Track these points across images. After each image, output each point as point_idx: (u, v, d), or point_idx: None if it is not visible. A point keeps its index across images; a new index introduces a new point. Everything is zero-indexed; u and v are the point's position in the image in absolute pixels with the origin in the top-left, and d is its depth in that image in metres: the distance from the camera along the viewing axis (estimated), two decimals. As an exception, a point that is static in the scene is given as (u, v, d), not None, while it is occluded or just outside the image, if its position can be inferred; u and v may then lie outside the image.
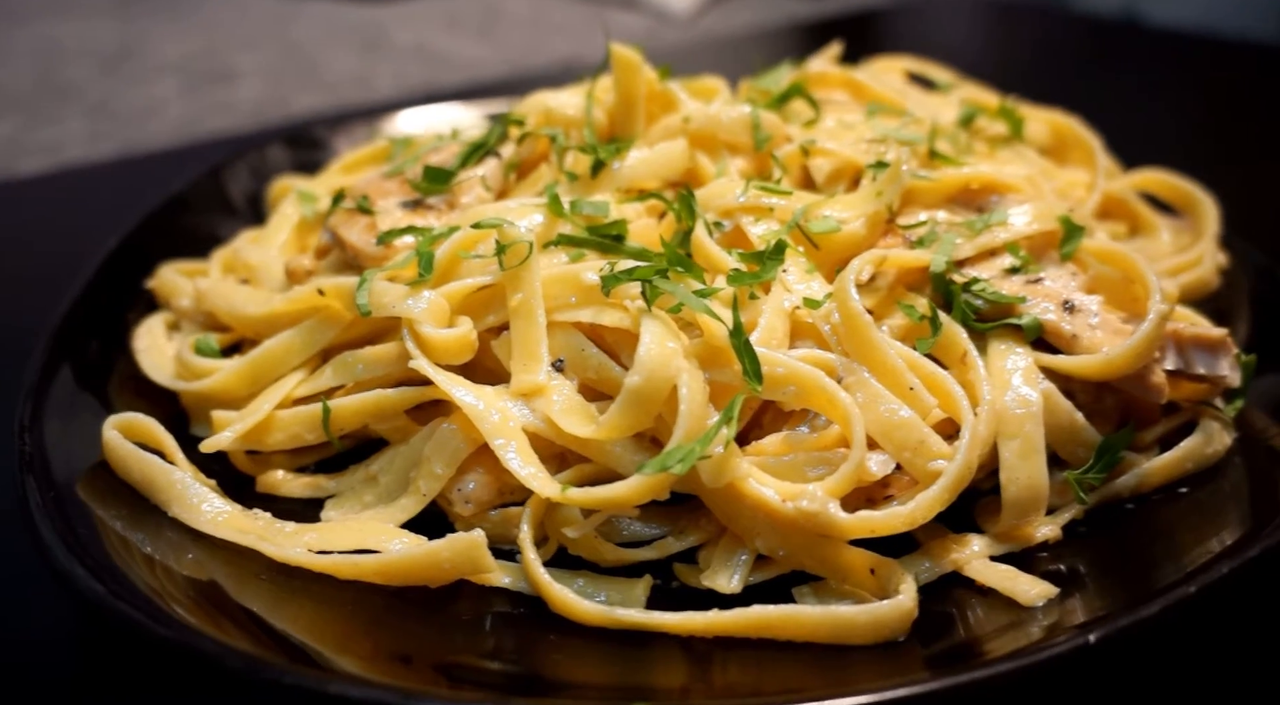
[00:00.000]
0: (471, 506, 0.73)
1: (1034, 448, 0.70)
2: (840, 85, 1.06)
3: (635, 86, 0.93)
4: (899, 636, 0.64)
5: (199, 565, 0.69)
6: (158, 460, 0.73)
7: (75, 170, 1.54)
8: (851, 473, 0.66)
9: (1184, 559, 0.67)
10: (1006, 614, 0.67)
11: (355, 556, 0.69)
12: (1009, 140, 1.02)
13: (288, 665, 0.57)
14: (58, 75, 1.99)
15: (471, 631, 0.67)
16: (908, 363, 0.71)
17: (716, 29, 2.42)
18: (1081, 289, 0.79)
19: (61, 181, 1.49)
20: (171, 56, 2.10)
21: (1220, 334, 0.76)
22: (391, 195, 0.88)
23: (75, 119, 1.83)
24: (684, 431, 0.66)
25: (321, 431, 0.77)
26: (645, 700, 0.56)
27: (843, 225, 0.80)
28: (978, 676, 0.57)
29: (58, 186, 1.47)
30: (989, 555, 0.71)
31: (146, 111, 1.87)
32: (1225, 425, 0.78)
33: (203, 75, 2.02)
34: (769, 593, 0.69)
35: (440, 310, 0.75)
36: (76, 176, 1.51)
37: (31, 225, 1.37)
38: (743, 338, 0.68)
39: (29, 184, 1.48)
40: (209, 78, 2.01)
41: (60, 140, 1.74)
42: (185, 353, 0.84)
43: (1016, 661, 0.57)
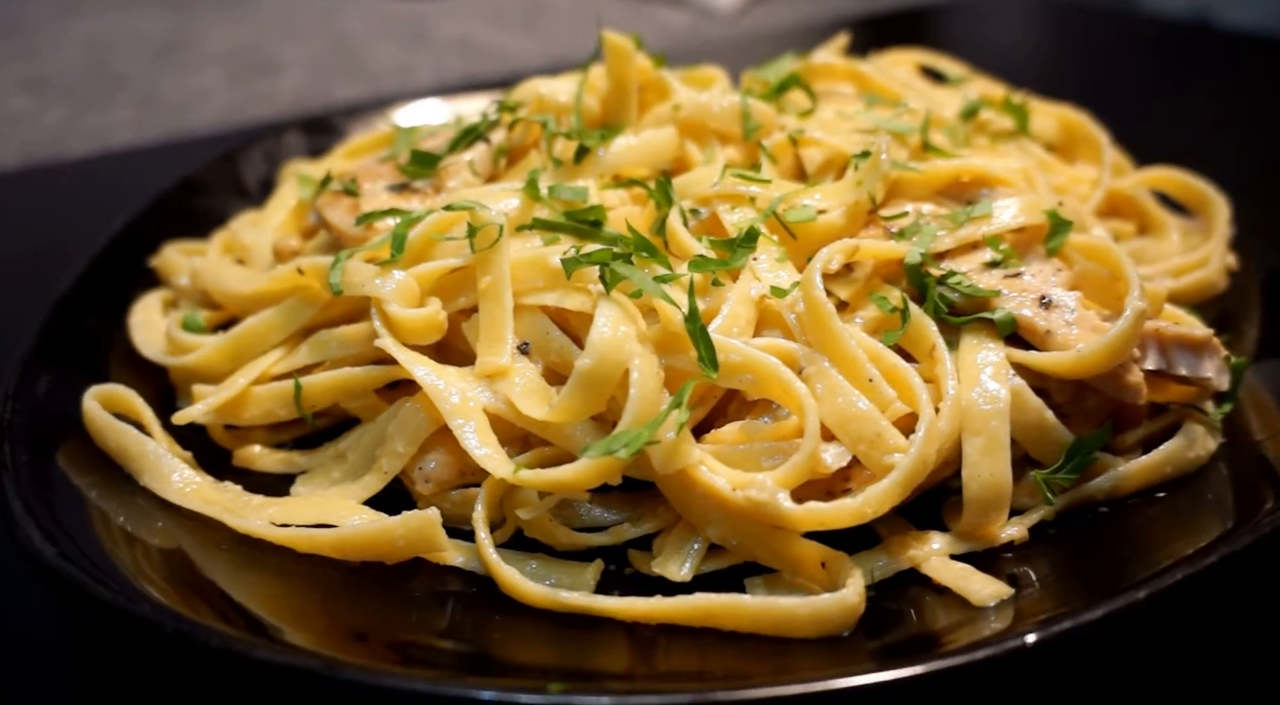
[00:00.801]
0: (431, 485, 0.73)
1: (998, 445, 0.68)
2: (845, 77, 1.05)
3: (628, 74, 0.93)
4: (843, 631, 0.63)
5: (165, 534, 0.70)
6: (133, 431, 0.75)
7: (117, 155, 1.58)
8: (803, 463, 0.65)
9: (1149, 564, 0.65)
10: (958, 613, 0.65)
11: (313, 530, 0.70)
12: (1014, 135, 1.00)
13: (218, 630, 0.58)
14: (109, 65, 2.05)
15: (423, 609, 0.68)
16: (870, 354, 0.70)
17: (761, 25, 2.40)
18: (1065, 285, 0.76)
19: (103, 166, 1.53)
20: (219, 48, 2.15)
21: (1204, 335, 0.74)
22: (380, 179, 0.89)
23: (123, 108, 1.88)
24: (633, 415, 0.65)
25: (294, 408, 0.78)
26: (564, 682, 0.56)
27: (820, 215, 0.79)
28: (906, 675, 0.56)
29: (99, 170, 1.52)
30: (950, 554, 0.69)
31: (191, 101, 1.91)
32: (1211, 429, 0.76)
33: (248, 66, 2.07)
34: (722, 582, 0.69)
35: (409, 291, 0.75)
36: (118, 161, 1.55)
37: (70, 206, 1.41)
38: (698, 323, 0.67)
39: (69, 166, 1.53)
40: (254, 69, 2.06)
41: (107, 128, 1.79)
42: (173, 329, 0.86)
43: (947, 661, 0.56)
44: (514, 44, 2.24)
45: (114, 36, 2.20)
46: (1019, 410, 0.71)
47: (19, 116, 1.84)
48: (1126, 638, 0.61)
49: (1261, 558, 0.62)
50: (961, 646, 0.58)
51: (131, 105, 1.89)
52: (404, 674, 0.58)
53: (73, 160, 1.58)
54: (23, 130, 1.78)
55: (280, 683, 0.56)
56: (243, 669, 0.57)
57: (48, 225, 1.36)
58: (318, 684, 0.56)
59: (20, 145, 1.71)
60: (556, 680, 0.61)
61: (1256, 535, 0.62)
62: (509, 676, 0.62)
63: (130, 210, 1.03)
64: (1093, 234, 0.80)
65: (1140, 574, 0.63)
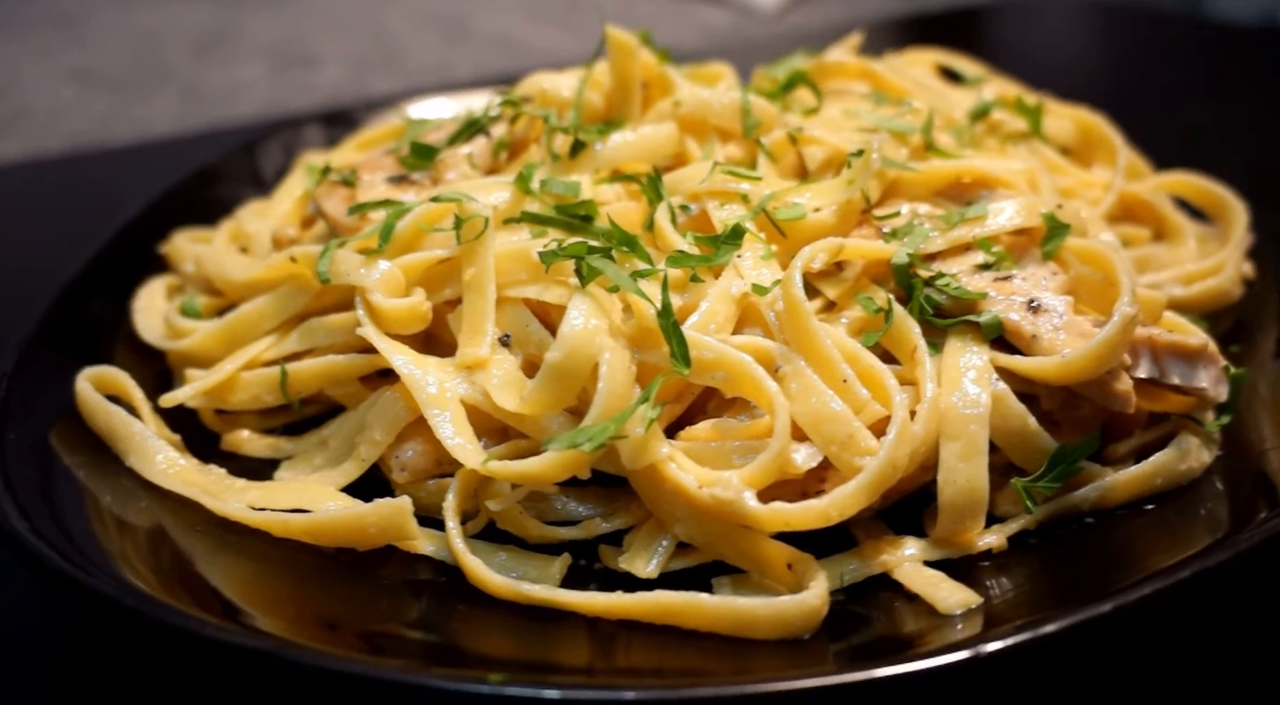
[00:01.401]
0: (407, 474, 0.74)
1: (976, 450, 0.67)
2: (857, 76, 1.04)
3: (631, 70, 0.93)
4: (804, 634, 0.62)
5: (145, 513, 0.72)
6: (122, 412, 0.77)
7: (153, 144, 1.61)
8: (770, 463, 0.65)
9: (1127, 578, 0.63)
10: (926, 620, 0.64)
11: (288, 515, 0.71)
12: (1027, 137, 0.98)
13: (176, 609, 0.58)
14: (154, 57, 2.09)
15: (393, 597, 0.68)
16: (848, 355, 0.69)
17: (804, 25, 2.38)
18: (1059, 289, 0.75)
19: (139, 155, 1.57)
20: (262, 41, 2.19)
21: (1199, 343, 0.72)
22: (381, 171, 0.90)
23: (166, 99, 1.93)
24: (599, 410, 0.65)
25: (281, 394, 0.79)
26: (507, 674, 0.55)
27: (810, 213, 0.78)
28: (857, 678, 0.55)
29: (136, 159, 1.55)
30: (925, 560, 0.68)
31: (233, 93, 1.95)
32: (1207, 442, 0.73)
33: (289, 59, 2.10)
34: (690, 580, 0.68)
35: (394, 280, 0.76)
36: (153, 150, 1.59)
37: (106, 194, 1.44)
38: (670, 319, 0.67)
39: (109, 155, 1.56)
40: (295, 62, 2.09)
41: (150, 118, 1.83)
42: (171, 314, 0.87)
43: (898, 668, 0.55)
44: (553, 40, 2.25)
45: (161, 29, 2.25)
46: (1001, 416, 0.69)
47: (67, 106, 1.89)
48: (1092, 650, 0.59)
49: (1240, 573, 0.60)
50: (915, 654, 0.57)
51: (174, 97, 1.93)
52: (358, 659, 0.58)
53: (113, 149, 1.62)
54: (69, 119, 1.83)
55: (238, 663, 0.57)
56: (203, 649, 0.57)
57: (84, 212, 1.39)
58: (272, 665, 0.57)
59: (66, 133, 1.76)
60: (519, 672, 0.61)
61: (1232, 552, 0.60)
62: (470, 667, 0.62)
63: (146, 198, 1.05)
64: (1092, 238, 0.78)
65: (1116, 586, 0.61)
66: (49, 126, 1.80)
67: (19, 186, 1.51)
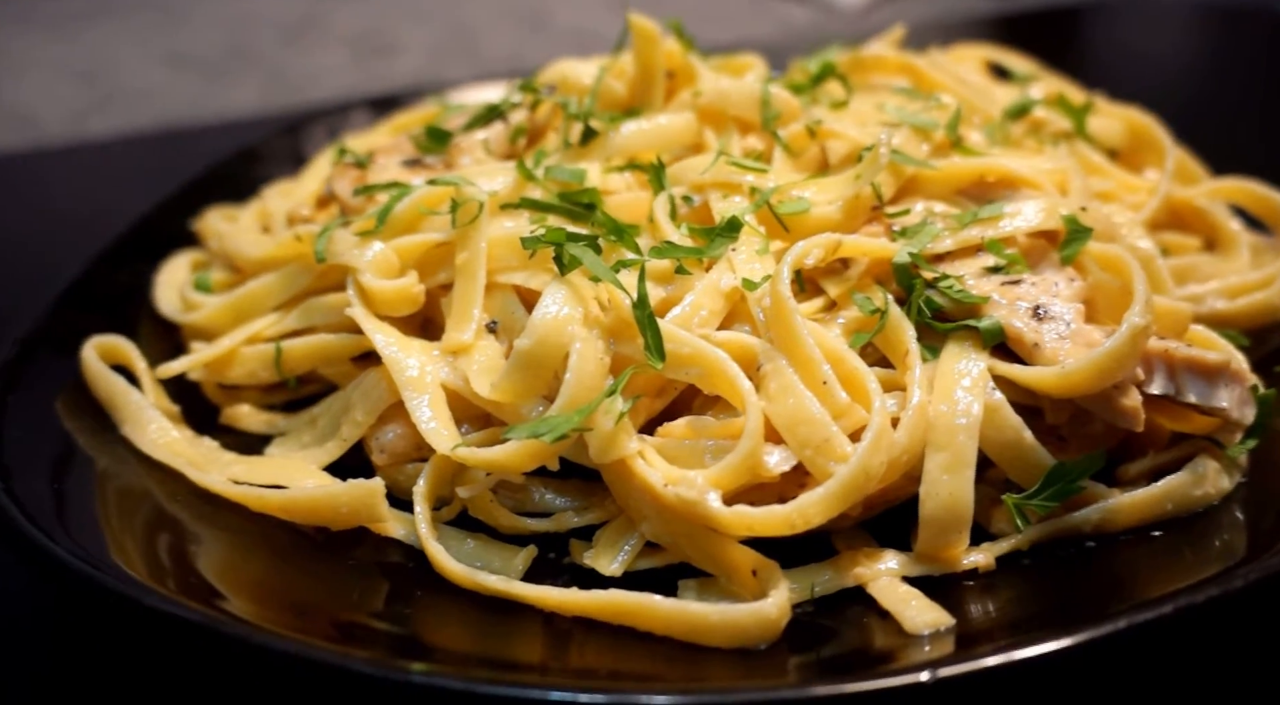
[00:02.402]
0: (385, 456, 0.74)
1: (962, 462, 0.63)
2: (897, 70, 1.00)
3: (654, 58, 0.91)
4: (760, 644, 0.60)
5: (130, 482, 0.73)
6: (121, 381, 0.78)
7: (235, 125, 1.65)
8: (739, 464, 0.62)
9: (1115, 607, 0.59)
10: (895, 638, 0.61)
11: (264, 490, 0.71)
12: (1070, 137, 0.92)
13: (128, 575, 0.59)
14: (242, 43, 2.16)
15: (360, 579, 0.68)
16: (833, 357, 0.66)
17: (887, 22, 2.32)
18: (1074, 297, 0.70)
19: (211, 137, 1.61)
20: (346, 29, 2.23)
21: (1219, 360, 0.66)
22: (399, 154, 0.90)
23: (250, 85, 1.98)
24: (565, 400, 0.64)
25: (276, 370, 0.80)
26: (430, 663, 0.54)
27: (814, 208, 0.75)
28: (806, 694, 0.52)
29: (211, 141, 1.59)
30: (904, 576, 0.65)
31: (314, 79, 1.99)
32: (1227, 466, 0.68)
33: (370, 48, 2.14)
34: (657, 581, 0.66)
35: (386, 262, 0.76)
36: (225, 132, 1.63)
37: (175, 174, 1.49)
38: (646, 311, 0.65)
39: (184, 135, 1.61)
40: (375, 50, 2.13)
41: (234, 104, 1.89)
42: (186, 288, 0.89)
43: (836, 687, 0.52)
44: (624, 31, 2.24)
45: (251, 15, 2.31)
46: (995, 427, 0.65)
47: (158, 88, 1.96)
48: (1058, 681, 0.55)
49: (1228, 610, 0.55)
50: (859, 674, 0.54)
51: (259, 82, 1.98)
52: (285, 636, 0.57)
53: (194, 128, 1.67)
54: (159, 101, 1.90)
55: (176, 631, 0.58)
56: (145, 617, 0.58)
57: (165, 187, 1.44)
58: (211, 638, 0.57)
59: (155, 115, 1.83)
60: (474, 665, 0.60)
61: (1223, 589, 0.55)
62: (423, 654, 0.61)
63: (186, 177, 1.07)
64: (1113, 244, 0.73)
65: (1095, 616, 0.57)
66: (140, 107, 1.87)
67: (106, 161, 1.58)
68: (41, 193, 1.50)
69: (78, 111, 1.86)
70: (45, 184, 1.53)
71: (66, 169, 1.58)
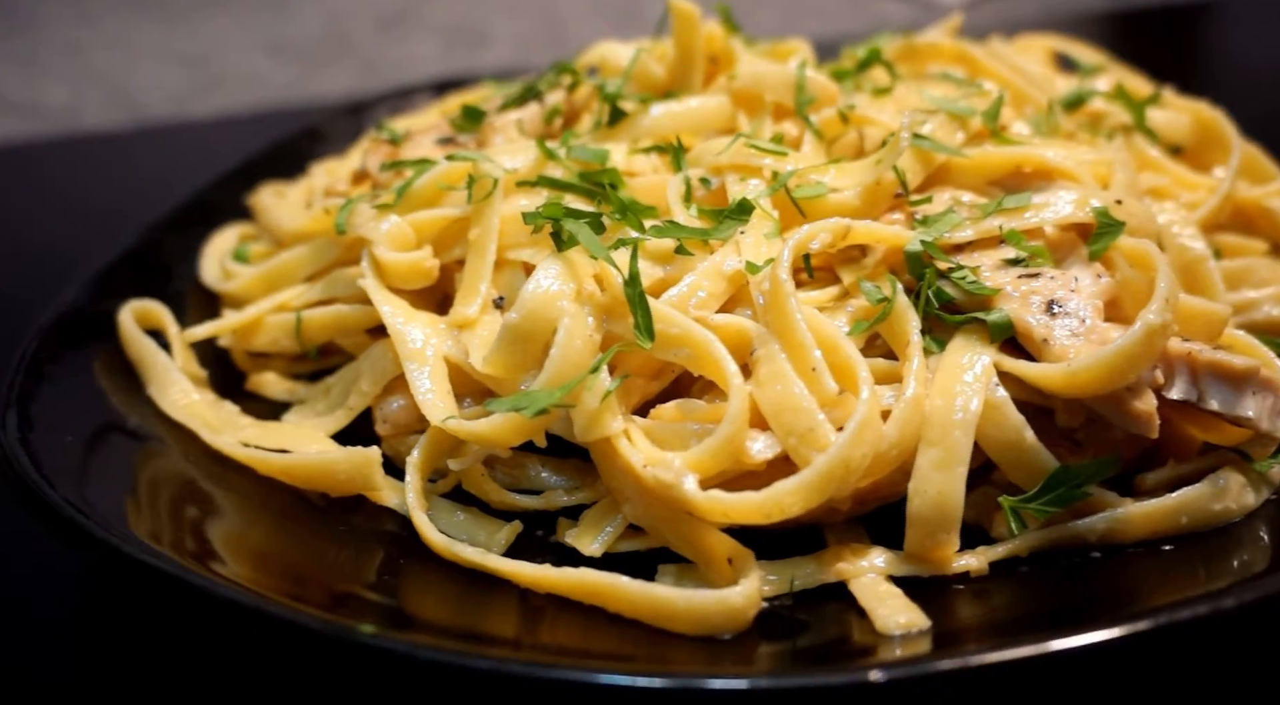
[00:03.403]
0: (388, 427, 0.74)
1: (955, 459, 0.60)
2: (952, 58, 0.96)
3: (693, 41, 0.90)
4: (726, 633, 0.58)
5: (148, 442, 0.75)
6: (151, 344, 0.81)
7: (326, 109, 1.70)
8: (718, 448, 0.61)
9: (1103, 621, 0.55)
10: (869, 637, 0.58)
11: (270, 454, 0.73)
12: (1129, 130, 0.87)
13: (125, 536, 0.61)
14: (340, 33, 2.22)
15: (354, 544, 0.69)
16: (828, 344, 0.63)
17: (991, 22, 2.25)
18: (1099, 294, 0.66)
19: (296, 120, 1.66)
20: (440, 19, 2.27)
21: (1247, 366, 0.62)
22: (435, 132, 0.91)
23: (345, 71, 2.04)
24: (548, 375, 0.63)
25: (297, 339, 0.82)
26: (378, 628, 0.55)
27: (831, 193, 0.73)
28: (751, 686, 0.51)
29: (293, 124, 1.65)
30: (891, 574, 0.62)
31: (403, 68, 2.04)
32: (1254, 482, 0.63)
33: (462, 37, 2.18)
34: (639, 564, 0.65)
35: (400, 236, 0.77)
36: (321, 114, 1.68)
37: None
38: (637, 289, 0.64)
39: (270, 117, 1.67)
40: (466, 40, 2.17)
41: (327, 91, 1.94)
42: (225, 258, 0.92)
43: (782, 681, 0.50)
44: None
45: (352, 6, 2.38)
46: (995, 425, 0.62)
47: (257, 75, 2.04)
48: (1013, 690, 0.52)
49: (1213, 632, 0.51)
50: (816, 669, 0.52)
51: (352, 71, 2.04)
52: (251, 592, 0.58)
53: (287, 111, 1.72)
54: (257, 87, 1.97)
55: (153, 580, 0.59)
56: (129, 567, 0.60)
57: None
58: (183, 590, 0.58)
59: (251, 101, 1.90)
60: (443, 633, 0.61)
61: (1211, 608, 0.51)
62: (398, 623, 0.62)
63: (249, 154, 1.11)
64: (1142, 240, 0.69)
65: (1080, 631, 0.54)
66: (240, 92, 1.94)
67: (202, 141, 1.65)
68: (140, 168, 1.57)
69: (181, 95, 1.95)
70: (146, 160, 1.61)
71: (165, 148, 1.65)
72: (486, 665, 0.52)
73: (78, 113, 1.85)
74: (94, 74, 2.01)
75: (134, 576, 0.60)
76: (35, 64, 2.03)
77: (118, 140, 1.67)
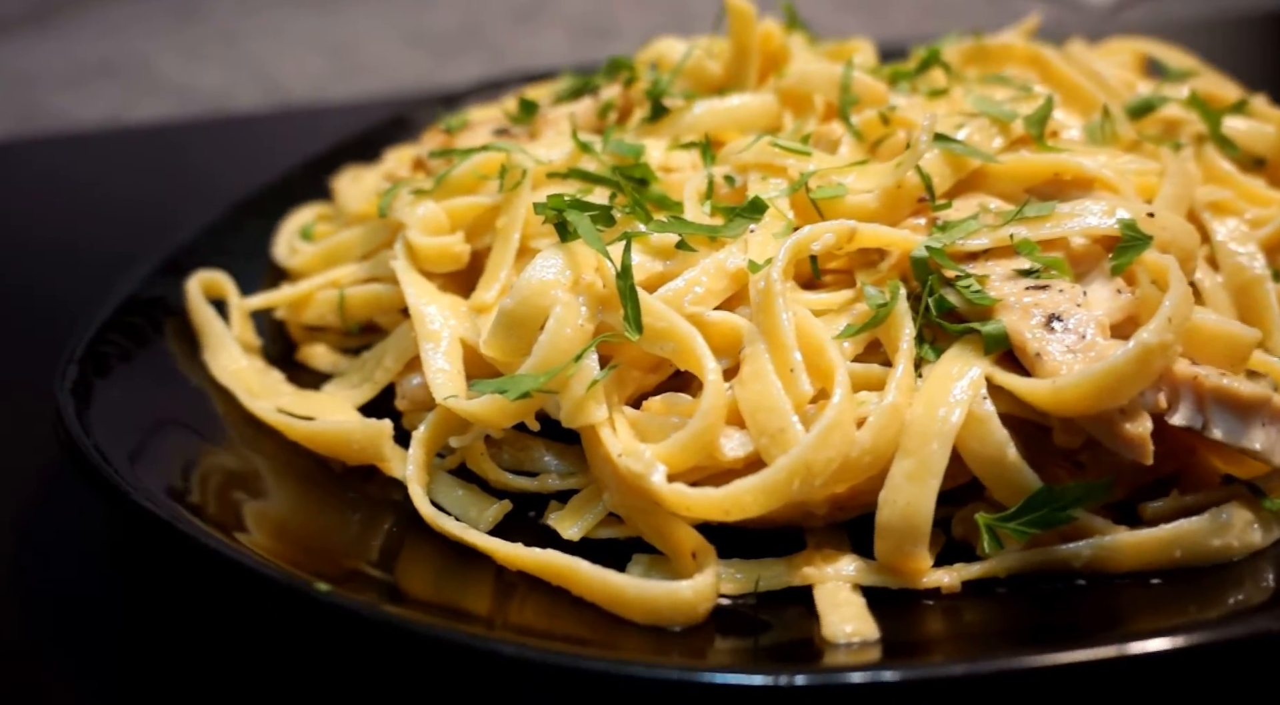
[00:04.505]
0: (407, 402, 0.78)
1: (928, 471, 0.59)
2: (1024, 61, 0.93)
3: (749, 39, 0.90)
4: (676, 625, 0.59)
5: (194, 401, 0.81)
6: (210, 312, 0.87)
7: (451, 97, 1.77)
8: (689, 442, 0.61)
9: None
10: (821, 641, 0.58)
11: (295, 420, 0.77)
12: (1203, 140, 0.82)
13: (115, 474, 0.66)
14: (474, 24, 2.29)
15: (363, 510, 0.72)
16: (812, 346, 0.63)
17: (1140, 23, 2.13)
18: (1117, 311, 0.63)
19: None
20: (571, 12, 2.32)
21: (1254, 394, 0.58)
22: (493, 123, 0.94)
23: (474, 63, 2.11)
24: (535, 360, 0.65)
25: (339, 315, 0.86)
26: (330, 584, 0.58)
27: (851, 195, 0.72)
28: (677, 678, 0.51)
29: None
30: (860, 583, 0.61)
31: (530, 60, 2.09)
32: (1263, 520, 0.59)
33: (590, 30, 2.22)
34: (617, 552, 0.66)
35: (433, 221, 0.80)
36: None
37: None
38: (628, 281, 0.65)
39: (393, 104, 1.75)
40: (593, 33, 2.21)
41: (453, 81, 2.02)
42: (292, 236, 0.97)
43: (689, 674, 0.50)
44: (855, 26, 2.19)
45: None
46: (978, 439, 0.60)
47: (393, 63, 2.13)
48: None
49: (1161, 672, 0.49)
50: (745, 666, 0.52)
51: (482, 61, 2.11)
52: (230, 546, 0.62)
53: (412, 99, 1.80)
54: (391, 74, 2.07)
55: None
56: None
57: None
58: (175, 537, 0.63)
59: (384, 88, 1.99)
60: (420, 604, 0.64)
61: (1172, 645, 0.48)
62: (380, 591, 0.64)
63: (340, 139, 1.17)
64: (1165, 255, 0.65)
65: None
66: (373, 79, 2.04)
67: (339, 125, 1.75)
68: (278, 148, 1.67)
69: (322, 81, 2.06)
70: (285, 140, 1.71)
71: (301, 129, 1.75)
72: (418, 628, 0.54)
73: (228, 95, 1.99)
74: (247, 60, 2.14)
75: (132, 517, 0.65)
76: (196, 50, 2.18)
77: (259, 122, 1.79)
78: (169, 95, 1.99)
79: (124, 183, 1.51)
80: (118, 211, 1.40)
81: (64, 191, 1.46)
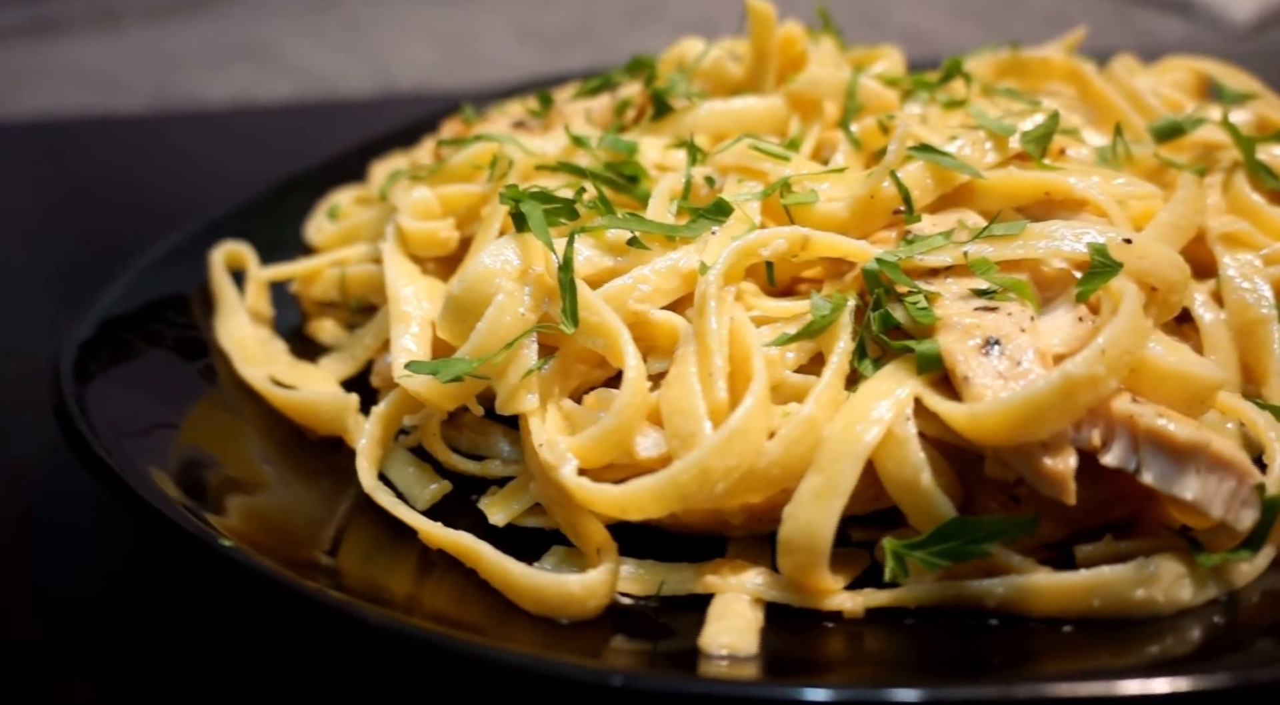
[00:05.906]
0: (379, 379, 0.80)
1: (834, 490, 0.57)
2: (1063, 77, 0.88)
3: (768, 42, 0.89)
4: (563, 618, 0.59)
5: (195, 362, 0.85)
6: (227, 281, 0.91)
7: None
8: (599, 437, 0.61)
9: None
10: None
11: (275, 388, 0.80)
12: (1235, 167, 0.76)
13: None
14: (587, 22, 2.32)
15: (322, 478, 0.75)
16: (740, 354, 0.62)
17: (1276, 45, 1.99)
18: (1074, 338, 0.60)
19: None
20: (684, 14, 2.33)
21: (1192, 439, 0.53)
22: (512, 116, 0.96)
23: (582, 61, 2.14)
24: (470, 346, 0.66)
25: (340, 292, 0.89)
26: (233, 542, 0.60)
27: (821, 202, 0.70)
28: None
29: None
30: (763, 597, 0.60)
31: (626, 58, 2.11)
32: (1195, 577, 0.55)
33: (691, 30, 2.21)
34: (539, 541, 0.66)
35: (426, 206, 0.82)
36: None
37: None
38: (568, 275, 0.65)
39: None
40: (697, 34, 2.20)
41: (559, 73, 2.06)
42: (321, 215, 1.01)
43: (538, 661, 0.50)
44: (967, 37, 2.12)
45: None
46: (895, 461, 0.58)
47: (502, 58, 2.19)
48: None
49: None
50: (614, 669, 0.52)
51: (588, 58, 2.14)
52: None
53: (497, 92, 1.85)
54: (498, 68, 2.12)
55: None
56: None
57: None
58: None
59: (486, 81, 2.05)
60: (337, 578, 0.65)
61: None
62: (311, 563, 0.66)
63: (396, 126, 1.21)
64: (1127, 282, 0.60)
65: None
66: (481, 71, 2.10)
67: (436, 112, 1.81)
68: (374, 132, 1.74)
69: (431, 71, 2.13)
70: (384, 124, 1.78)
71: (400, 114, 1.82)
72: (308, 592, 0.56)
73: (341, 80, 2.08)
74: (363, 48, 2.23)
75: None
76: (318, 36, 2.29)
77: (361, 107, 1.86)
78: (285, 78, 2.09)
79: (239, 156, 1.59)
80: (223, 187, 1.49)
81: (188, 164, 1.56)
